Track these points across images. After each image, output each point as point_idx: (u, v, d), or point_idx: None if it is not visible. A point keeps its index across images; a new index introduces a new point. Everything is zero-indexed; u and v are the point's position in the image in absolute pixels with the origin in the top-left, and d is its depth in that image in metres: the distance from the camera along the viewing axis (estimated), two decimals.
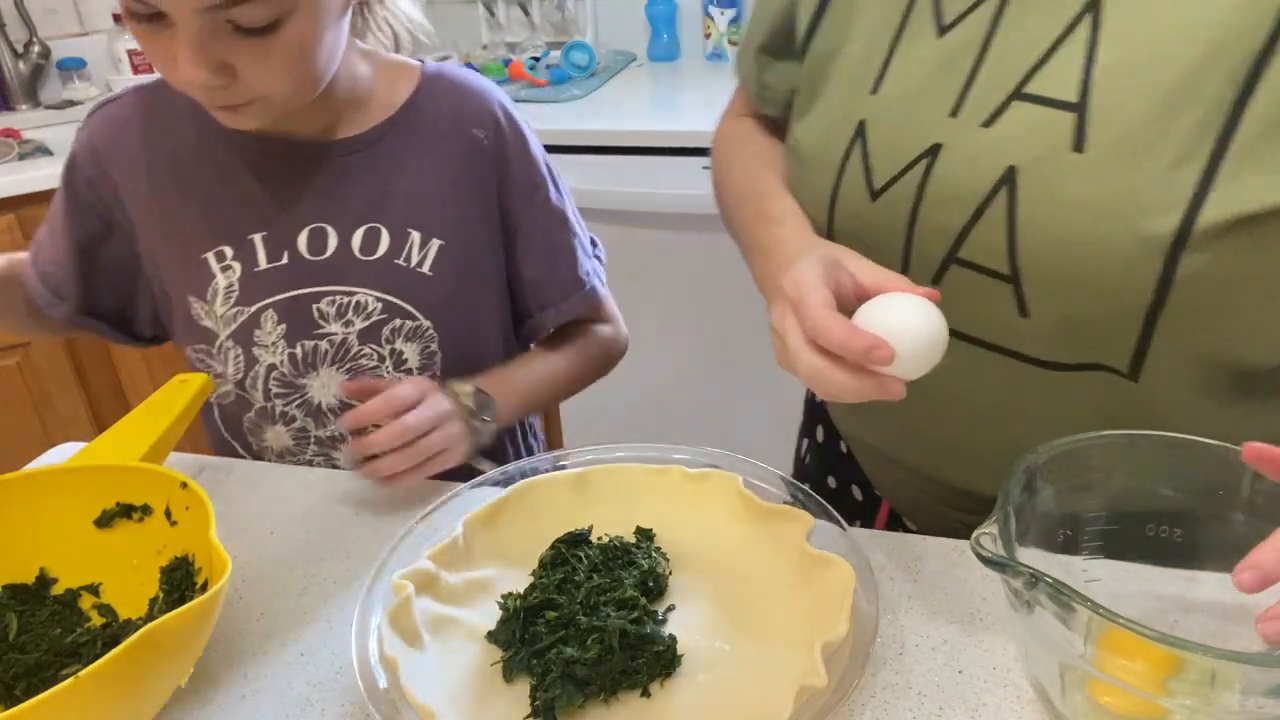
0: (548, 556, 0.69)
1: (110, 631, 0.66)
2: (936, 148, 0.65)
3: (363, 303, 0.87)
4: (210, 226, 0.85)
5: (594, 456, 0.77)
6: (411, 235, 0.87)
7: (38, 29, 2.18)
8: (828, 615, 0.59)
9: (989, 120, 0.62)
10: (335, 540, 0.79)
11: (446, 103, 0.89)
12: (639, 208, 1.69)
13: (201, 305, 0.86)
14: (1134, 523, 0.62)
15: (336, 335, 0.87)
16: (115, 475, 0.70)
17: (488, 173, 0.90)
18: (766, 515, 0.69)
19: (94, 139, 0.87)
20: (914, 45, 0.67)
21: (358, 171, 0.86)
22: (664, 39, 2.19)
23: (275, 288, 0.86)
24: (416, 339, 0.89)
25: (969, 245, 0.64)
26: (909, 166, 0.66)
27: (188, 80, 0.70)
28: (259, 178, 0.85)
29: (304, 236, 0.86)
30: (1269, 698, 0.45)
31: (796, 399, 1.82)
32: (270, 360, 0.87)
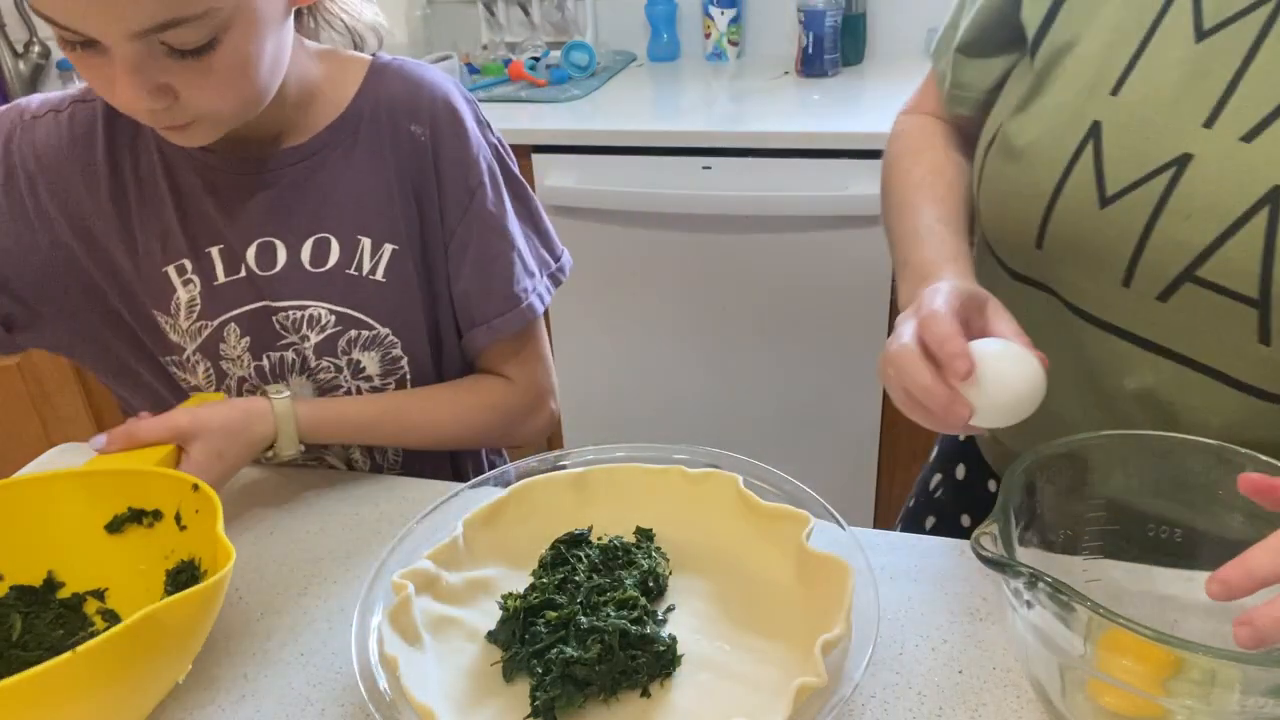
0: (548, 556, 0.69)
1: None
2: (1186, 158, 0.61)
3: (315, 316, 0.84)
4: (170, 240, 0.83)
5: (594, 456, 0.77)
6: (362, 242, 0.84)
7: (38, 29, 2.18)
8: (828, 615, 0.59)
9: (1250, 135, 0.59)
10: (335, 540, 0.79)
11: (386, 97, 0.85)
12: (639, 208, 1.68)
13: (166, 319, 0.84)
14: (1134, 523, 0.62)
15: (298, 345, 0.86)
16: (128, 479, 0.70)
17: (427, 172, 0.86)
18: (766, 515, 0.69)
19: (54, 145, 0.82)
20: (1166, 47, 0.63)
21: (304, 180, 0.84)
22: (664, 39, 2.19)
23: (235, 301, 0.84)
24: (375, 347, 0.87)
25: (1212, 264, 0.61)
26: (1151, 175, 0.63)
27: (127, 105, 0.68)
28: (212, 190, 0.83)
29: (252, 251, 0.83)
30: (1269, 698, 0.45)
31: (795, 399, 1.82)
32: (239, 373, 0.86)
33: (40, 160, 0.81)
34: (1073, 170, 0.66)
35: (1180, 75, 0.62)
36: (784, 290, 1.71)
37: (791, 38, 1.99)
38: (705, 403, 1.86)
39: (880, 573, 0.70)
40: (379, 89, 0.85)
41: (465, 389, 0.93)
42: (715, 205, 1.66)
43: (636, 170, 1.68)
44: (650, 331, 1.81)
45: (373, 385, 0.88)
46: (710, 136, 1.64)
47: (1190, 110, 0.62)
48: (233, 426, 0.78)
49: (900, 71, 1.95)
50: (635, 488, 0.74)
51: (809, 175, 1.60)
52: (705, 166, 1.65)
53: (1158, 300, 0.64)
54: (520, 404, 0.95)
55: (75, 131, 0.82)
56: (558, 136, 1.70)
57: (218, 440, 0.77)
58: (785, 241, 1.66)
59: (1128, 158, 0.64)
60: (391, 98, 0.85)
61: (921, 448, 1.80)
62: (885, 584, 0.69)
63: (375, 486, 0.85)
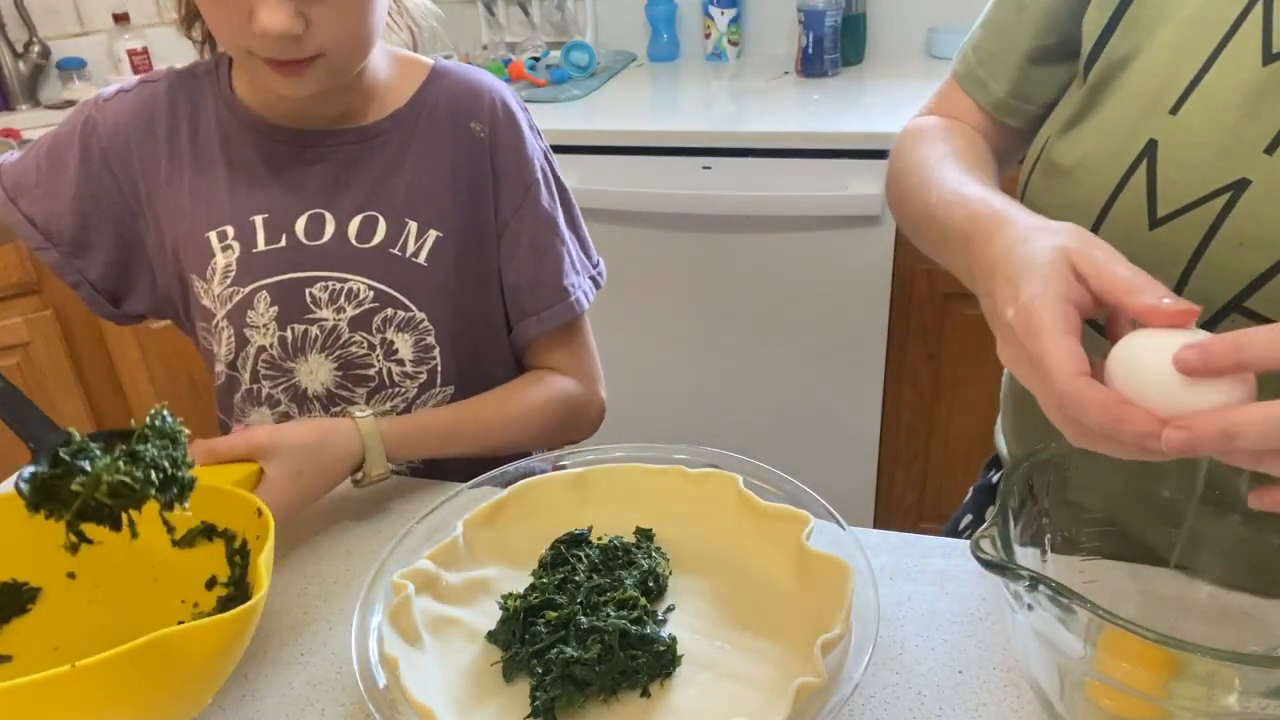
0: (548, 556, 0.69)
1: None
2: (1244, 183, 0.59)
3: (355, 290, 0.87)
4: (216, 207, 0.87)
5: (594, 456, 0.77)
6: (408, 225, 0.88)
7: (38, 29, 2.18)
8: (827, 615, 0.59)
9: None
10: (335, 540, 0.79)
11: (447, 95, 0.91)
12: (639, 208, 1.68)
13: (201, 284, 0.88)
14: (1133, 523, 0.62)
15: (328, 321, 0.88)
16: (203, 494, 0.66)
17: (485, 168, 0.91)
18: (766, 515, 0.69)
19: (122, 120, 0.89)
20: (1232, 68, 0.61)
21: (362, 161, 0.88)
22: (664, 39, 2.19)
23: (270, 269, 0.87)
24: (409, 330, 0.89)
25: (1263, 295, 0.59)
26: (1206, 198, 0.61)
27: (268, 28, 0.72)
28: (267, 162, 0.87)
29: (302, 221, 0.87)
30: (1269, 698, 0.45)
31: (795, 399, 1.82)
32: (260, 342, 0.88)
33: (111, 135, 0.89)
34: (1124, 189, 0.64)
35: (1244, 98, 0.60)
36: (784, 290, 1.71)
37: (791, 38, 1.99)
38: (705, 403, 1.86)
39: (880, 573, 0.70)
40: (441, 88, 0.91)
41: (527, 384, 0.95)
42: (715, 205, 1.65)
43: (636, 170, 1.68)
44: (650, 331, 1.81)
45: (404, 371, 0.90)
46: (710, 136, 1.64)
47: (1252, 135, 0.59)
48: (310, 444, 0.77)
49: (900, 71, 1.95)
50: (635, 488, 0.74)
51: (809, 175, 1.60)
52: (705, 166, 1.65)
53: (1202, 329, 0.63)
54: (578, 393, 0.98)
55: (140, 106, 0.89)
56: (557, 136, 1.70)
57: (295, 458, 0.75)
58: (785, 241, 1.66)
59: (1183, 179, 0.62)
60: (453, 97, 0.91)
61: (921, 448, 1.80)
62: (885, 584, 0.69)
63: (375, 486, 0.85)
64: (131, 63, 2.22)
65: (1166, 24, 0.65)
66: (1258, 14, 0.60)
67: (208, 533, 0.68)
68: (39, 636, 0.67)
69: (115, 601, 0.69)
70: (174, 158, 0.88)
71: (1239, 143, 0.60)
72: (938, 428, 1.77)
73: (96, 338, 1.83)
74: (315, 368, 0.89)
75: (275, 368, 0.89)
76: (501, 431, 0.91)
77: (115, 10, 2.21)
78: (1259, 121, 0.59)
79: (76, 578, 0.69)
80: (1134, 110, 0.65)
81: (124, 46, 2.21)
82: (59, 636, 0.67)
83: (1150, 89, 0.64)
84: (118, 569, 0.68)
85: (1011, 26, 0.77)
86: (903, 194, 0.77)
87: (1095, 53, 0.69)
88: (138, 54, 2.22)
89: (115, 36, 2.22)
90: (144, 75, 0.92)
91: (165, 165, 0.88)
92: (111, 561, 0.67)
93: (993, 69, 0.79)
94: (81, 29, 2.25)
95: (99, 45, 2.25)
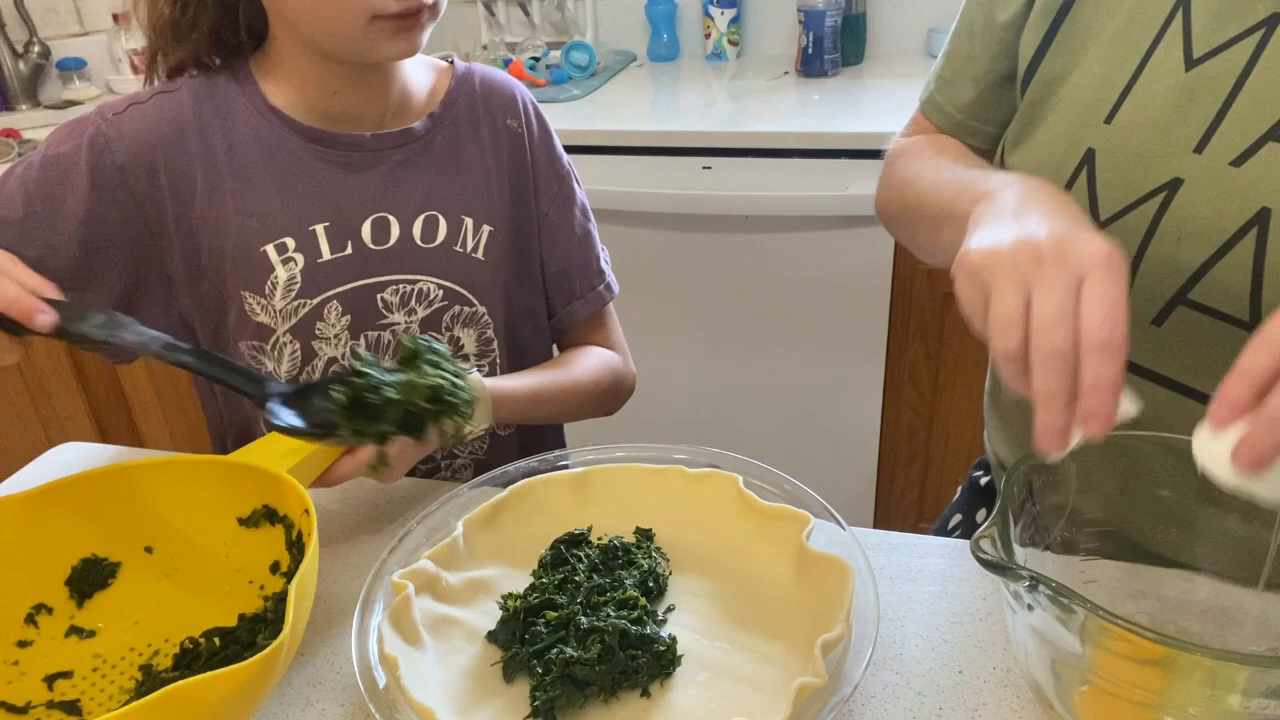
0: (548, 556, 0.69)
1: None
2: (1177, 182, 0.63)
3: (425, 290, 0.88)
4: (269, 218, 0.84)
5: (594, 456, 0.77)
6: (465, 221, 0.90)
7: (38, 29, 2.18)
8: (828, 615, 0.59)
9: (1239, 159, 0.60)
10: (335, 540, 0.79)
11: (481, 95, 0.93)
12: (639, 208, 1.68)
13: (257, 300, 0.85)
14: (1133, 523, 0.62)
15: (399, 325, 0.89)
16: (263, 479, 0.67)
17: (523, 160, 0.94)
18: (766, 515, 0.69)
19: (144, 133, 0.82)
20: (1158, 76, 0.65)
21: (413, 162, 0.89)
22: (664, 39, 2.19)
23: (340, 278, 0.86)
24: (473, 325, 0.92)
25: (1204, 285, 0.62)
26: (1143, 199, 0.64)
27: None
28: (318, 170, 0.86)
29: (368, 226, 0.87)
30: (1269, 699, 0.45)
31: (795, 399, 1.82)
32: (331, 353, 0.88)
33: (131, 151, 0.82)
34: None
35: (1172, 103, 0.64)
36: (784, 290, 1.71)
37: (791, 38, 1.99)
38: (705, 403, 1.86)
39: (880, 573, 0.70)
40: (472, 88, 0.93)
41: (581, 355, 0.99)
42: (715, 205, 1.65)
43: (636, 170, 1.68)
44: (650, 331, 1.81)
45: (468, 366, 0.90)
46: (710, 136, 1.64)
47: (1181, 137, 0.63)
48: None
49: (900, 71, 1.95)
50: (635, 488, 0.74)
51: (809, 175, 1.60)
52: (705, 166, 1.65)
53: (1152, 325, 0.65)
54: (619, 364, 1.02)
55: (163, 118, 0.83)
56: (557, 136, 1.70)
57: None
58: (785, 241, 1.66)
59: (1120, 183, 0.65)
60: (487, 96, 0.94)
61: (921, 448, 1.80)
62: (885, 584, 0.69)
63: (375, 486, 0.85)
64: (131, 62, 2.22)
65: (1096, 39, 0.69)
66: (1178, 24, 0.64)
67: (270, 516, 0.68)
68: (120, 610, 0.67)
69: (191, 576, 0.69)
70: (211, 170, 0.84)
71: (1169, 145, 0.63)
72: (938, 428, 1.77)
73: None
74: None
75: None
76: (572, 397, 0.94)
77: (115, 10, 2.21)
78: (1186, 123, 0.63)
79: (153, 552, 0.69)
80: (1073, 122, 0.69)
81: (124, 46, 2.21)
82: (139, 610, 0.68)
83: (1085, 101, 0.69)
84: (192, 544, 0.69)
85: (966, 54, 0.81)
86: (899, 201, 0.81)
87: (1031, 71, 0.74)
88: (138, 54, 2.22)
89: (115, 36, 2.22)
90: (158, 86, 0.86)
91: (202, 179, 0.83)
92: (186, 536, 0.69)
93: (950, 94, 0.83)
94: (81, 29, 2.25)
95: (99, 45, 2.25)
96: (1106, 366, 0.47)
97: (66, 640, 0.66)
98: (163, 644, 0.67)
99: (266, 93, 0.85)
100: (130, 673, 0.65)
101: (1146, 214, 0.64)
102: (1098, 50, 0.69)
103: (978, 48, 0.80)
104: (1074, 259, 0.49)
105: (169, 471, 0.68)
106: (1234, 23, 0.62)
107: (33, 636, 0.65)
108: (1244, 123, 0.61)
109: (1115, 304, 0.48)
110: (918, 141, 0.85)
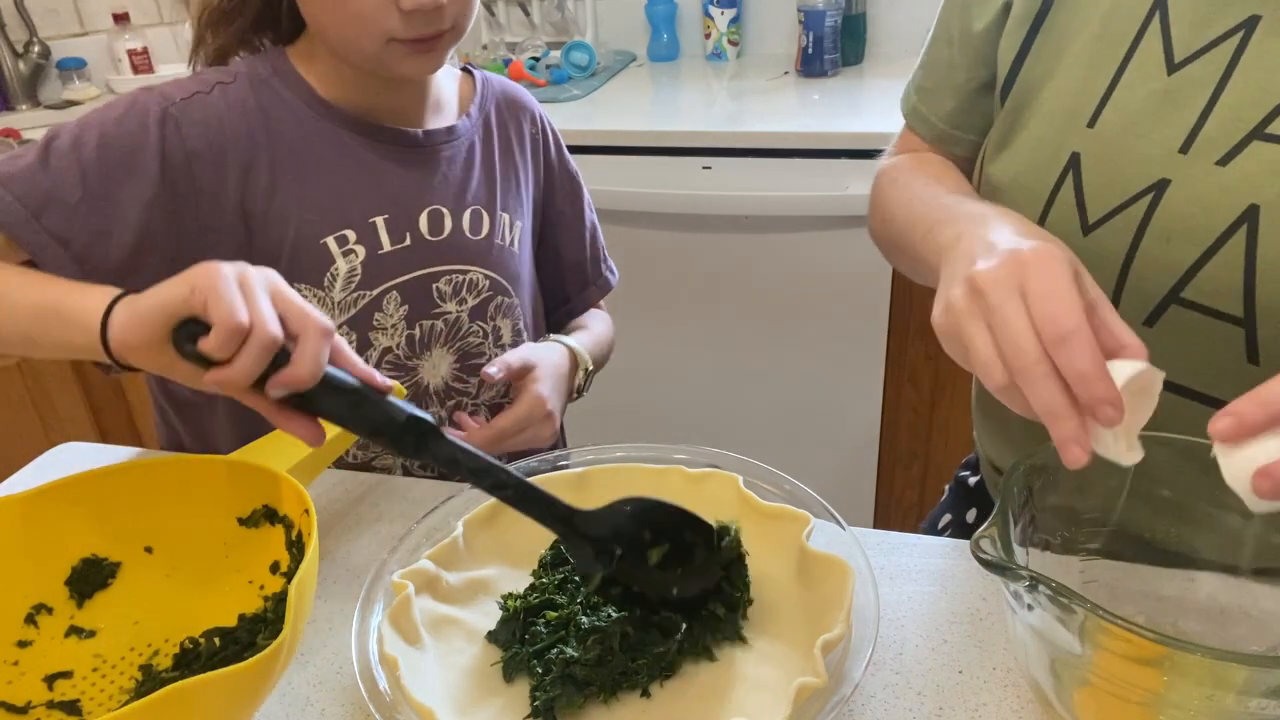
0: (548, 556, 0.69)
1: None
2: (1164, 183, 0.63)
3: (475, 280, 0.92)
4: (328, 211, 0.85)
5: (594, 456, 0.77)
6: (502, 217, 0.94)
7: (38, 29, 2.18)
8: (828, 615, 0.59)
9: (1225, 159, 0.61)
10: (335, 540, 0.79)
11: (503, 101, 0.98)
12: (639, 208, 1.68)
13: (313, 293, 0.85)
14: (1132, 523, 0.62)
15: (451, 314, 0.91)
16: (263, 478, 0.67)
17: (541, 162, 1.01)
18: (766, 515, 0.69)
19: (214, 123, 0.81)
20: (1139, 79, 0.65)
21: (458, 157, 0.92)
22: (664, 39, 2.19)
23: (399, 269, 0.88)
24: (510, 316, 0.96)
25: (1196, 284, 0.62)
26: (1131, 200, 0.64)
27: (419, 3, 0.74)
28: (372, 163, 0.87)
29: (424, 218, 0.89)
30: (1269, 698, 0.45)
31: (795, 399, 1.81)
32: (387, 343, 0.89)
33: (204, 139, 0.80)
34: (1055, 201, 0.68)
35: (1154, 105, 0.64)
36: (784, 290, 1.71)
37: (791, 38, 1.99)
38: (705, 403, 1.86)
39: (880, 573, 0.70)
40: (494, 92, 0.98)
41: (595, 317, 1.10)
42: (715, 205, 1.65)
43: (636, 170, 1.68)
44: (650, 331, 1.81)
45: None
46: (710, 136, 1.64)
47: (1166, 138, 0.63)
48: (557, 361, 0.95)
49: (900, 71, 1.94)
50: (635, 488, 0.74)
51: (809, 175, 1.60)
52: (705, 166, 1.65)
53: (1145, 325, 0.65)
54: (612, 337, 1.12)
55: (230, 109, 0.82)
56: None
57: (552, 377, 0.92)
58: (785, 241, 1.66)
59: (1107, 185, 0.66)
60: (507, 101, 0.99)
61: (921, 448, 1.80)
62: (885, 584, 0.69)
63: (375, 486, 0.85)
64: (131, 62, 2.22)
65: (1074, 43, 0.69)
66: (1156, 27, 0.64)
67: (270, 516, 0.68)
68: (121, 610, 0.67)
69: (191, 576, 0.69)
70: (274, 164, 0.83)
71: (1154, 147, 0.64)
72: (937, 428, 1.77)
73: None
74: (437, 362, 0.92)
75: (400, 366, 0.90)
76: (608, 350, 1.08)
77: (115, 10, 2.21)
78: (1170, 125, 0.63)
79: (154, 552, 0.69)
80: (1055, 127, 0.69)
81: (124, 46, 2.22)
82: (139, 610, 0.67)
83: (1067, 106, 0.69)
84: (192, 543, 0.69)
85: (945, 64, 0.82)
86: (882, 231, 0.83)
87: (1011, 78, 0.74)
88: (138, 54, 2.22)
89: (115, 36, 2.22)
90: (213, 75, 0.83)
91: (266, 173, 0.82)
92: (186, 536, 0.68)
93: (932, 105, 0.84)
94: (81, 29, 2.25)
95: (99, 45, 2.25)
96: (1076, 354, 0.47)
97: (66, 640, 0.66)
98: (163, 644, 0.67)
99: (314, 85, 0.86)
100: (130, 673, 0.65)
101: (1135, 215, 0.64)
102: (1076, 54, 0.69)
103: (957, 56, 0.80)
104: (1007, 276, 0.50)
105: (169, 471, 0.68)
106: (1213, 25, 0.62)
107: (33, 636, 0.65)
108: (1227, 123, 0.61)
109: (1053, 293, 0.48)
110: (899, 163, 0.85)
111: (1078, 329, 0.47)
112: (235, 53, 0.88)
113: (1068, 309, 0.48)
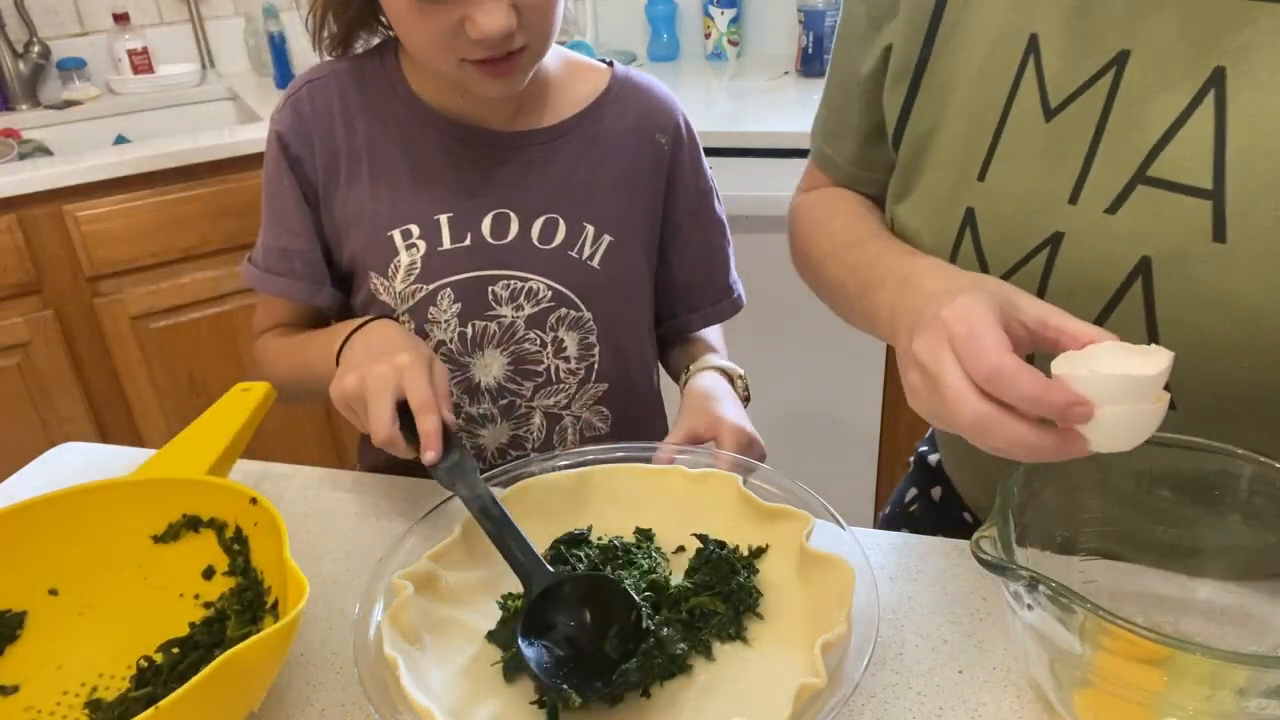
0: (548, 556, 0.69)
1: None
2: (1059, 236, 0.62)
3: (535, 289, 0.90)
4: (399, 205, 0.87)
5: (594, 456, 0.77)
6: (586, 229, 0.90)
7: (38, 29, 2.18)
8: (828, 615, 0.59)
9: (1113, 206, 0.59)
10: (335, 540, 0.79)
11: (634, 105, 0.94)
12: None
13: (382, 281, 0.88)
14: (1132, 523, 0.62)
15: (506, 318, 0.90)
16: (183, 489, 0.67)
17: (661, 176, 0.95)
18: (766, 515, 0.69)
19: (303, 125, 0.88)
20: (1020, 129, 0.63)
21: (542, 163, 0.90)
22: (664, 39, 2.19)
23: (455, 268, 0.88)
24: (577, 329, 0.93)
25: None
26: (1029, 256, 0.63)
27: (488, 31, 0.73)
28: (449, 162, 0.88)
29: (488, 220, 0.88)
30: (1269, 698, 0.45)
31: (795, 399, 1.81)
32: (440, 337, 0.89)
33: (297, 141, 0.88)
34: (957, 257, 0.67)
35: (1038, 155, 0.63)
36: (784, 290, 1.71)
37: (791, 37, 1.99)
38: None
39: (880, 573, 0.70)
40: (627, 97, 0.94)
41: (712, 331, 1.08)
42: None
43: None
44: None
45: (569, 368, 0.93)
46: (710, 136, 1.64)
47: (1053, 188, 0.62)
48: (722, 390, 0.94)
49: None
50: (635, 488, 0.74)
51: None
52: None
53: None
54: None
55: (315, 108, 0.88)
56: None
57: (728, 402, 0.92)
58: (785, 241, 1.66)
59: (1004, 240, 0.65)
60: (641, 108, 0.94)
61: None
62: (885, 584, 0.69)
63: (375, 486, 0.85)
64: (131, 62, 2.22)
65: (955, 92, 0.67)
66: (1031, 73, 0.63)
67: (192, 524, 0.67)
68: (39, 660, 0.65)
69: (107, 607, 0.67)
70: (352, 159, 0.88)
71: (1044, 198, 0.62)
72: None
73: (96, 338, 1.83)
74: (490, 362, 0.91)
75: (452, 362, 0.91)
76: None
77: (115, 10, 2.21)
78: (1056, 175, 0.62)
79: (59, 594, 0.67)
80: (948, 182, 0.68)
81: (124, 46, 2.21)
82: (60, 655, 0.65)
83: (957, 160, 0.67)
84: (100, 575, 0.67)
85: (843, 106, 0.80)
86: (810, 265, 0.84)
87: (900, 129, 0.72)
88: (138, 54, 2.22)
89: (115, 36, 2.22)
90: (307, 76, 0.90)
91: (345, 168, 0.88)
92: (91, 569, 0.67)
93: (837, 146, 0.82)
94: (81, 29, 2.24)
95: (99, 45, 2.25)
96: (1008, 384, 0.49)
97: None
98: (97, 679, 0.64)
99: (410, 80, 0.88)
100: (75, 716, 0.63)
101: (1034, 271, 0.63)
102: (960, 105, 0.67)
103: (851, 99, 0.78)
104: (935, 341, 0.52)
105: (64, 506, 0.66)
106: (1084, 65, 0.60)
107: None
108: (1110, 168, 0.59)
109: (972, 337, 0.50)
110: (812, 203, 0.85)
111: (998, 362, 0.49)
112: (358, 35, 0.90)
113: (986, 345, 0.50)
